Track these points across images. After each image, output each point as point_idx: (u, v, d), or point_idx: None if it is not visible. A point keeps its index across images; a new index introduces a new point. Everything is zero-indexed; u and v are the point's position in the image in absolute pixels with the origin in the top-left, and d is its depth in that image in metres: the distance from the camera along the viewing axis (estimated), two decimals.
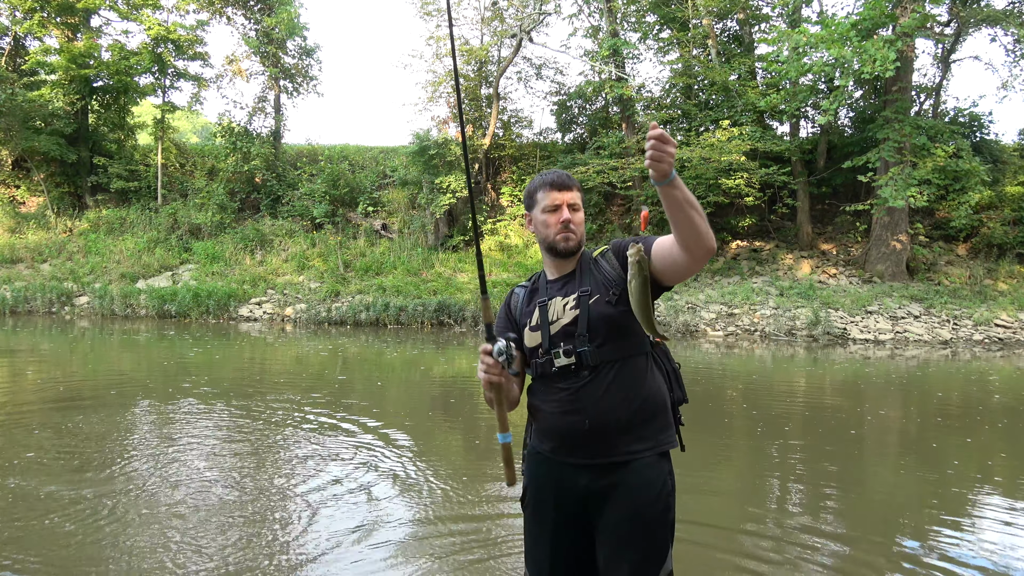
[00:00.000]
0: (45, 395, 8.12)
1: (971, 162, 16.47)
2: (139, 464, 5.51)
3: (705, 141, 17.52)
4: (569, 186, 2.14)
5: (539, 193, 2.15)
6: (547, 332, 2.09)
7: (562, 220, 2.10)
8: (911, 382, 10.45)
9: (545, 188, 2.14)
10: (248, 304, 16.99)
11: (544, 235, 2.14)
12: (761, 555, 3.99)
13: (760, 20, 20.61)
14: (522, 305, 2.22)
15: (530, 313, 2.17)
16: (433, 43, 21.20)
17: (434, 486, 5.14)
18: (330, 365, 11.07)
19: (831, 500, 5.02)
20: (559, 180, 2.14)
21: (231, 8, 22.73)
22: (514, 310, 2.24)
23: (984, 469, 5.96)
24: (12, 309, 16.82)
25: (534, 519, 2.17)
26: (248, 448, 5.97)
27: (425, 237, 20.11)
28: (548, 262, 2.21)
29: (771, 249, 18.79)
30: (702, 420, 7.18)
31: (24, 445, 5.95)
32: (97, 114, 23.14)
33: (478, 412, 7.82)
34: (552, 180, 2.14)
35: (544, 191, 2.14)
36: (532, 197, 2.18)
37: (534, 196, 2.17)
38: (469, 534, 4.24)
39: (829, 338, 14.39)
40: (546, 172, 2.19)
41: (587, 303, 2.07)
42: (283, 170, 22.58)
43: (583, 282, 2.12)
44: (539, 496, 2.14)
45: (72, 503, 4.55)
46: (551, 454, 2.10)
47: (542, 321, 2.12)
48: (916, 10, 15.67)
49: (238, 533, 4.16)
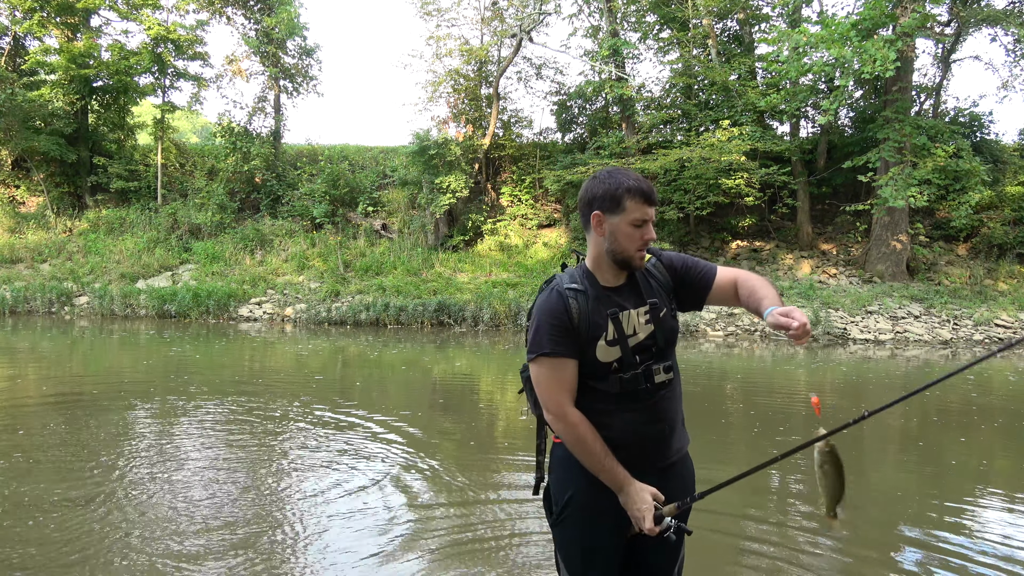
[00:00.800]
0: (44, 395, 8.11)
1: (971, 162, 16.46)
2: (139, 464, 5.50)
3: (705, 141, 17.51)
4: (656, 200, 2.01)
5: (629, 201, 1.97)
6: (626, 346, 2.00)
7: (646, 238, 1.99)
8: (911, 381, 10.44)
9: (638, 199, 1.97)
10: (248, 304, 16.98)
11: (621, 247, 1.99)
12: (761, 548, 3.98)
13: (760, 20, 20.60)
14: (589, 315, 2.00)
15: (602, 325, 2.00)
16: (433, 43, 21.23)
17: (433, 485, 5.14)
18: (330, 365, 11.07)
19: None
20: (652, 192, 1.99)
21: (231, 8, 22.72)
22: (577, 321, 1.98)
23: (983, 464, 5.96)
24: (12, 309, 16.81)
25: (590, 527, 2.04)
26: (248, 448, 5.96)
27: (425, 237, 20.11)
28: (605, 268, 2.05)
29: (771, 249, 18.79)
30: (702, 420, 7.18)
31: (20, 445, 5.94)
32: (97, 114, 23.12)
33: (478, 411, 7.82)
34: (646, 191, 1.98)
35: (636, 201, 1.97)
36: (618, 202, 1.97)
37: (621, 202, 1.97)
38: (471, 529, 4.24)
39: (829, 338, 14.39)
40: (624, 173, 2.00)
41: (658, 317, 2.05)
42: (283, 170, 22.58)
43: (649, 293, 2.08)
44: (598, 505, 2.02)
45: (68, 504, 4.55)
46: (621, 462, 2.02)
47: (619, 335, 2.00)
48: (916, 10, 15.66)
49: (239, 533, 4.15)
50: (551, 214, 20.90)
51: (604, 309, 2.00)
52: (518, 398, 8.57)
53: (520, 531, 4.32)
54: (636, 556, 2.10)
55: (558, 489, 2.09)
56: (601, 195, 2.00)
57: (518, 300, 15.98)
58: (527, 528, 4.35)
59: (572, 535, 2.06)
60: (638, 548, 2.08)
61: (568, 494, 2.05)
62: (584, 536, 2.04)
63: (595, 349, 1.98)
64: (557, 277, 2.07)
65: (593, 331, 1.98)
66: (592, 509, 2.02)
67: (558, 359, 1.97)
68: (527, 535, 4.24)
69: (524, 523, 4.44)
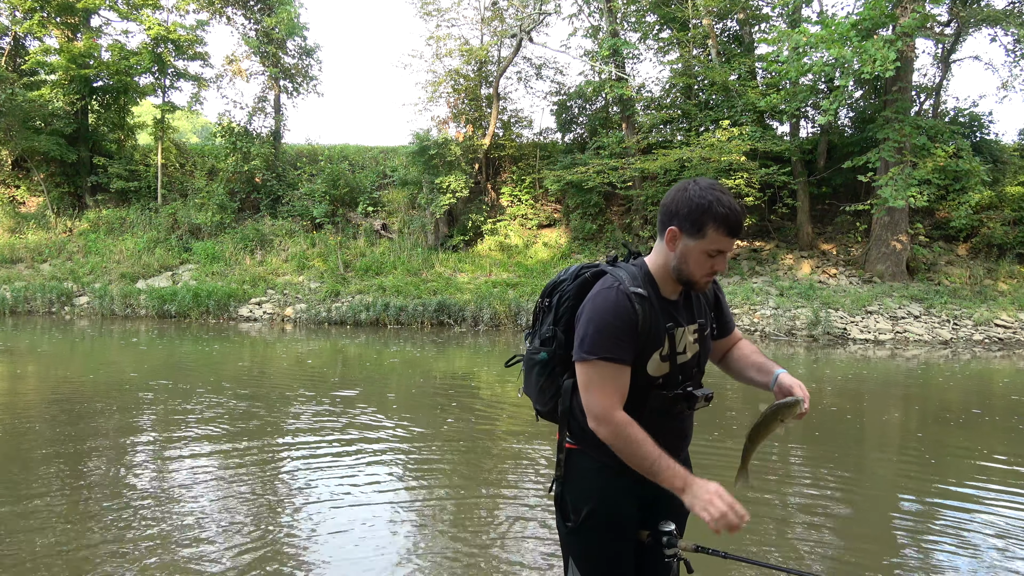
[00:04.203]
0: (44, 394, 8.11)
1: (971, 162, 16.45)
2: (138, 464, 5.51)
3: (705, 141, 17.51)
4: (740, 233, 1.87)
5: (711, 231, 1.83)
6: (675, 364, 1.94)
7: (716, 269, 1.89)
8: (911, 381, 10.45)
9: (722, 230, 1.83)
10: (248, 304, 16.98)
11: (688, 270, 1.89)
12: (761, 541, 3.99)
13: (760, 20, 20.59)
14: (651, 324, 1.88)
15: (660, 338, 1.90)
16: (433, 43, 21.23)
17: (436, 484, 5.14)
18: (330, 364, 11.07)
19: (830, 489, 5.01)
20: (739, 225, 1.85)
21: (231, 8, 22.71)
22: (642, 328, 1.86)
23: (983, 461, 5.96)
24: (12, 309, 16.81)
25: (612, 536, 1.98)
26: (249, 448, 5.96)
27: (425, 237, 20.11)
28: (665, 279, 1.95)
29: (771, 249, 18.79)
30: (701, 419, 7.17)
31: (16, 445, 5.94)
32: (97, 114, 23.12)
33: (478, 410, 7.83)
34: (733, 224, 1.83)
35: (720, 232, 1.83)
36: (699, 228, 1.84)
37: (704, 228, 1.83)
38: (471, 528, 4.24)
39: (829, 338, 14.39)
40: (720, 195, 1.83)
41: (703, 336, 2.02)
42: (283, 170, 22.58)
43: (699, 311, 2.03)
44: (623, 511, 1.98)
45: (67, 507, 4.55)
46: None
47: (671, 352, 1.92)
48: (916, 10, 15.66)
49: (239, 534, 4.15)
50: (551, 214, 20.90)
51: (664, 322, 1.91)
52: (518, 398, 8.57)
53: (520, 531, 4.32)
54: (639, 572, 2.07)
55: (577, 498, 2.00)
56: (685, 214, 1.85)
57: (518, 300, 15.98)
58: (531, 531, 4.35)
59: (596, 545, 1.99)
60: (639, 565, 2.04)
61: (590, 506, 1.97)
62: (609, 546, 1.98)
63: (649, 361, 1.89)
64: (615, 275, 1.92)
65: (653, 342, 1.89)
66: (615, 519, 1.97)
67: (618, 365, 1.85)
68: (529, 536, 4.24)
69: (526, 524, 4.44)
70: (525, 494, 4.92)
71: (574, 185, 19.17)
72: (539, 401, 2.08)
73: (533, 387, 2.08)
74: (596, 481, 1.97)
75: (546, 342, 2.04)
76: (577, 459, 2.01)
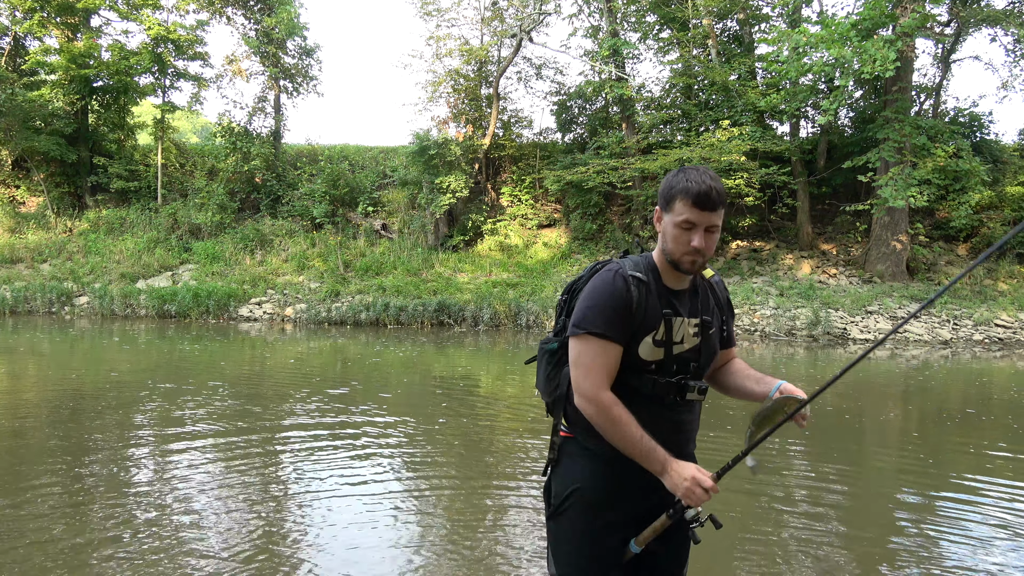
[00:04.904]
0: (44, 394, 8.11)
1: (971, 162, 16.47)
2: (138, 463, 5.50)
3: (705, 141, 17.52)
4: (715, 206, 1.84)
5: (679, 202, 1.86)
6: (669, 352, 1.93)
7: (693, 244, 1.86)
8: (910, 381, 10.45)
9: (687, 201, 1.84)
10: (248, 304, 16.98)
11: (668, 247, 1.91)
12: (762, 537, 3.99)
13: (760, 20, 20.61)
14: (646, 308, 1.91)
15: (655, 323, 1.91)
16: (433, 43, 21.24)
17: (436, 477, 5.14)
18: (330, 364, 11.07)
19: (831, 488, 5.02)
20: (706, 198, 1.83)
21: (231, 8, 22.73)
22: (635, 310, 1.89)
23: (983, 458, 5.96)
24: (12, 309, 16.81)
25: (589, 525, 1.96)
26: (248, 449, 5.96)
27: (425, 237, 20.11)
28: (666, 267, 1.97)
29: (771, 249, 18.79)
30: (702, 422, 7.16)
31: (16, 445, 5.94)
32: (97, 114, 23.13)
33: (477, 410, 7.83)
34: (697, 194, 1.82)
35: (685, 203, 1.84)
36: (669, 200, 1.89)
37: (672, 201, 1.88)
38: (472, 528, 4.24)
39: (829, 338, 14.39)
40: (693, 172, 1.87)
41: (707, 333, 2.00)
42: (283, 170, 22.59)
43: (706, 308, 2.03)
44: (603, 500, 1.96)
45: (70, 506, 4.55)
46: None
47: (667, 339, 1.92)
48: (916, 10, 15.67)
49: (238, 536, 4.15)
50: (551, 214, 20.91)
51: (661, 308, 1.93)
52: (519, 396, 8.57)
53: (519, 520, 4.32)
54: (647, 559, 2.01)
55: (561, 482, 2.01)
56: (663, 191, 1.93)
57: (518, 300, 15.98)
58: (529, 518, 4.35)
59: (570, 529, 1.98)
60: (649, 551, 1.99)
61: (572, 487, 1.97)
62: (583, 531, 1.96)
63: (641, 344, 1.90)
64: (618, 262, 1.97)
65: (646, 326, 1.90)
66: (595, 504, 1.95)
67: (608, 342, 1.87)
68: (527, 523, 4.24)
69: (525, 512, 4.44)
70: (529, 484, 4.92)
71: (574, 185, 19.18)
72: (546, 391, 2.09)
73: (542, 377, 2.09)
74: (584, 466, 1.98)
75: (559, 333, 2.09)
76: (570, 446, 2.02)
